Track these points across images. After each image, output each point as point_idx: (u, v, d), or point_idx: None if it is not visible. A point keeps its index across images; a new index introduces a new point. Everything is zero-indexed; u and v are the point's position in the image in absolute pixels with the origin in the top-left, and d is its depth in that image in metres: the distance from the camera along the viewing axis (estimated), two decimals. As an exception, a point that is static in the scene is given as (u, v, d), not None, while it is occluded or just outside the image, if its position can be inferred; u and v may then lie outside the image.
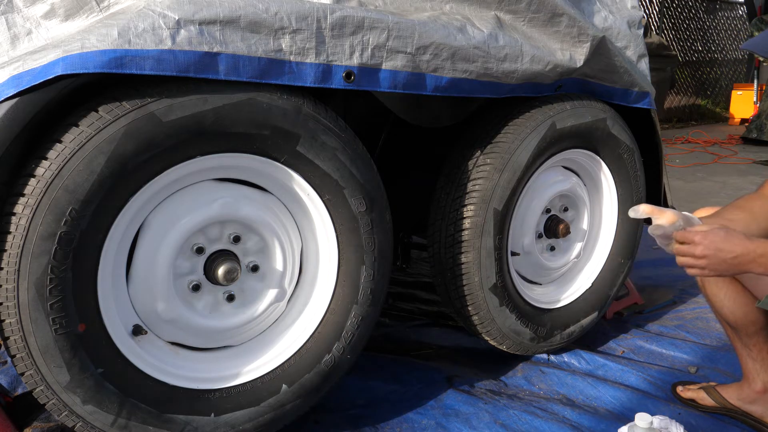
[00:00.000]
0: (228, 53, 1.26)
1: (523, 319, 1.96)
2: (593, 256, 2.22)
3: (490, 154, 1.79)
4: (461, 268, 1.80)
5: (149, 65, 1.19)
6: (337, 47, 1.39)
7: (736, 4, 10.75)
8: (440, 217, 1.84)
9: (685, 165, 6.16)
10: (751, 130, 7.56)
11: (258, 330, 1.57)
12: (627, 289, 2.59)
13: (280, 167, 1.44)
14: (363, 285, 1.59)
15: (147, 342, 1.41)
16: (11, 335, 1.20)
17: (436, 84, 1.55)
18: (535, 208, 1.98)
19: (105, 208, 1.22)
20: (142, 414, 1.34)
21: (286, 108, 1.36)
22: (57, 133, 1.18)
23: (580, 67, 1.83)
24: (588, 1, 1.92)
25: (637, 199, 2.17)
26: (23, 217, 1.15)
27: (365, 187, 1.53)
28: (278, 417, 1.53)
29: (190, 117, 1.25)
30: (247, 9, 1.27)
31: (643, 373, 2.01)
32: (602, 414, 1.80)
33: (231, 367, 1.51)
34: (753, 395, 1.74)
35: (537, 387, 1.95)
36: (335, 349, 1.59)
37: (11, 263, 1.16)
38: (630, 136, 2.10)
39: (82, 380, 1.25)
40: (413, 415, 1.76)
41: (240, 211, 1.44)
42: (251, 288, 1.52)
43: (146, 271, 1.36)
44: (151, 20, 1.19)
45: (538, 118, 1.82)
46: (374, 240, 1.57)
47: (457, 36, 1.55)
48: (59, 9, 1.21)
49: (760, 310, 1.61)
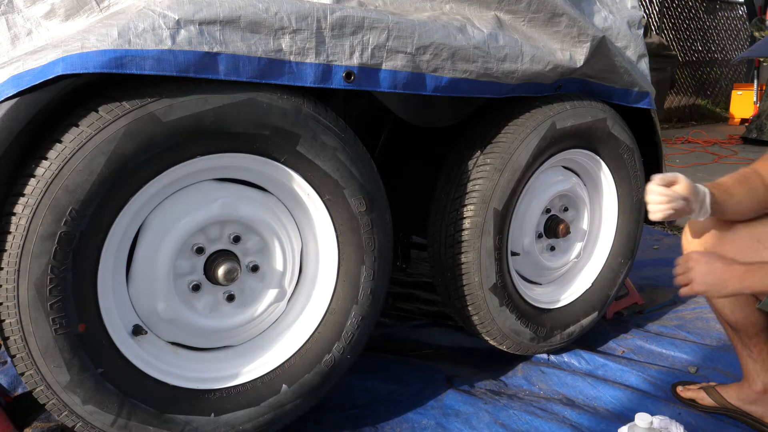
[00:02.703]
0: (228, 53, 1.26)
1: (523, 319, 1.96)
2: (593, 256, 2.22)
3: (490, 154, 1.79)
4: (461, 268, 1.80)
5: (149, 65, 1.19)
6: (337, 47, 1.39)
7: (736, 4, 10.75)
8: (440, 217, 1.84)
9: (685, 165, 6.15)
10: (751, 130, 7.56)
11: (258, 330, 1.57)
12: (627, 289, 2.59)
13: (280, 167, 1.44)
14: (363, 285, 1.59)
15: (147, 342, 1.41)
16: (11, 335, 1.20)
17: (436, 84, 1.55)
18: (535, 208, 1.98)
19: (105, 208, 1.22)
20: (142, 414, 1.34)
21: (286, 108, 1.36)
22: (57, 133, 1.18)
23: (580, 67, 1.83)
24: (588, 1, 1.92)
25: (637, 199, 2.18)
26: (23, 217, 1.15)
27: (365, 187, 1.53)
28: (278, 417, 1.53)
29: (190, 117, 1.25)
30: (247, 9, 1.27)
31: (643, 373, 2.01)
32: (602, 414, 1.80)
33: (231, 367, 1.51)
34: (753, 396, 1.74)
35: (537, 387, 1.95)
36: (335, 349, 1.59)
37: (11, 263, 1.16)
38: (630, 136, 2.10)
39: (82, 380, 1.25)
40: (413, 415, 1.76)
41: (240, 211, 1.44)
42: (251, 288, 1.52)
43: (146, 271, 1.36)
44: (151, 20, 1.19)
45: (538, 118, 1.82)
46: (374, 240, 1.57)
47: (457, 36, 1.55)
48: (59, 9, 1.21)
49: (761, 311, 1.61)
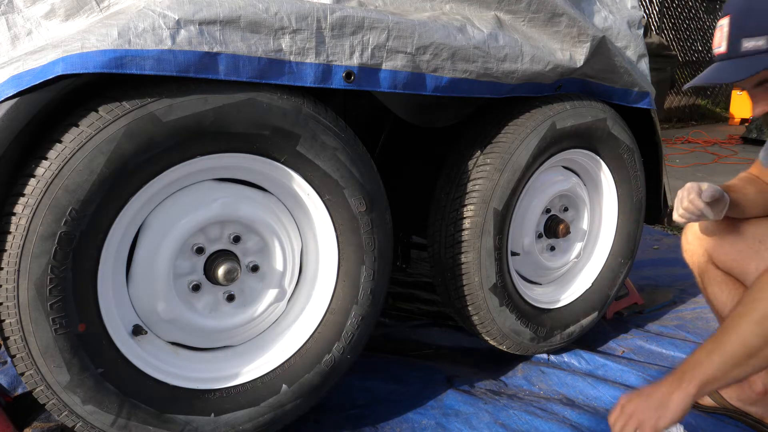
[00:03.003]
0: (228, 53, 1.26)
1: (523, 319, 1.96)
2: (593, 256, 2.22)
3: (490, 154, 1.79)
4: (461, 268, 1.80)
5: (149, 65, 1.19)
6: (337, 47, 1.39)
7: (736, 4, 10.74)
8: (440, 217, 1.84)
9: (685, 165, 6.15)
10: (751, 130, 7.56)
11: (258, 330, 1.57)
12: (627, 289, 2.59)
13: (280, 167, 1.44)
14: (363, 285, 1.59)
15: (147, 342, 1.41)
16: (11, 335, 1.19)
17: (436, 84, 1.55)
18: (535, 208, 1.98)
19: (105, 208, 1.22)
20: (142, 414, 1.34)
21: (286, 108, 1.36)
22: (57, 133, 1.18)
23: (580, 67, 1.83)
24: (588, 1, 1.92)
25: (637, 199, 2.18)
26: (23, 217, 1.15)
27: (365, 187, 1.53)
28: (278, 417, 1.53)
29: (190, 117, 1.25)
30: (247, 9, 1.27)
31: (643, 373, 2.01)
32: (602, 414, 1.80)
33: (231, 367, 1.51)
34: (753, 396, 1.74)
35: (537, 387, 1.95)
36: (335, 349, 1.59)
37: (11, 263, 1.16)
38: (630, 136, 2.10)
39: (82, 380, 1.25)
40: (413, 415, 1.76)
41: (240, 211, 1.44)
42: (251, 288, 1.52)
43: (146, 271, 1.36)
44: (151, 20, 1.19)
45: (538, 118, 1.82)
46: (374, 240, 1.57)
47: (457, 36, 1.55)
48: (59, 9, 1.21)
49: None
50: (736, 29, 1.23)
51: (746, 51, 1.21)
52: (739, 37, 1.23)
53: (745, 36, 1.21)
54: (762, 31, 1.19)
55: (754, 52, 1.20)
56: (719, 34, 1.27)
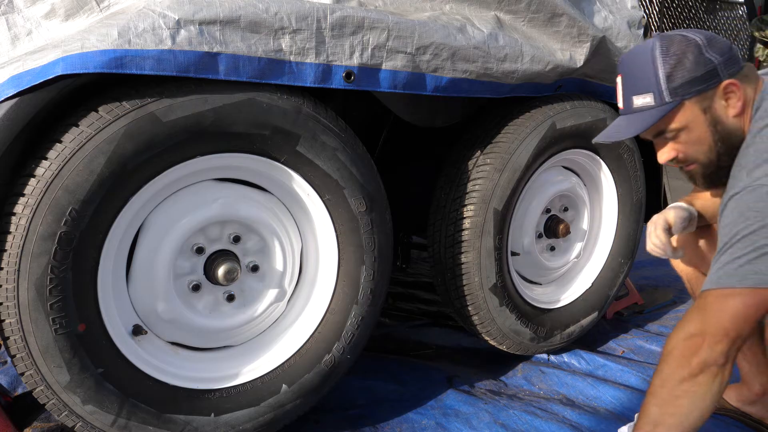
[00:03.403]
0: (228, 53, 1.26)
1: (523, 319, 1.96)
2: (593, 256, 2.22)
3: (490, 154, 1.79)
4: (461, 268, 1.80)
5: (149, 65, 1.19)
6: (337, 47, 1.39)
7: (736, 4, 10.74)
8: (440, 217, 1.84)
9: (685, 165, 6.15)
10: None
11: (258, 330, 1.57)
12: (627, 289, 2.59)
13: (280, 167, 1.44)
14: (363, 285, 1.59)
15: (147, 342, 1.41)
16: (11, 335, 1.19)
17: (436, 84, 1.55)
18: (535, 208, 1.98)
19: (105, 208, 1.22)
20: (142, 414, 1.34)
21: (286, 108, 1.36)
22: (57, 133, 1.18)
23: (580, 67, 1.83)
24: (588, 1, 1.92)
25: (637, 199, 2.17)
26: (23, 217, 1.15)
27: (365, 187, 1.53)
28: (278, 417, 1.53)
29: (190, 117, 1.25)
30: (247, 9, 1.27)
31: (643, 373, 2.01)
32: (602, 414, 1.80)
33: (231, 367, 1.51)
34: (752, 397, 1.74)
35: (537, 387, 1.95)
36: (335, 349, 1.59)
37: (11, 263, 1.16)
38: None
39: (82, 380, 1.25)
40: (413, 415, 1.76)
41: (240, 211, 1.44)
42: (251, 288, 1.52)
43: (146, 271, 1.36)
44: (151, 20, 1.19)
45: (538, 118, 1.82)
46: (374, 240, 1.57)
47: (457, 36, 1.55)
48: (59, 9, 1.21)
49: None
50: (627, 88, 1.31)
51: (638, 107, 1.29)
52: (630, 95, 1.30)
53: (635, 94, 1.29)
54: (647, 89, 1.26)
55: (644, 108, 1.28)
56: (618, 91, 1.34)
